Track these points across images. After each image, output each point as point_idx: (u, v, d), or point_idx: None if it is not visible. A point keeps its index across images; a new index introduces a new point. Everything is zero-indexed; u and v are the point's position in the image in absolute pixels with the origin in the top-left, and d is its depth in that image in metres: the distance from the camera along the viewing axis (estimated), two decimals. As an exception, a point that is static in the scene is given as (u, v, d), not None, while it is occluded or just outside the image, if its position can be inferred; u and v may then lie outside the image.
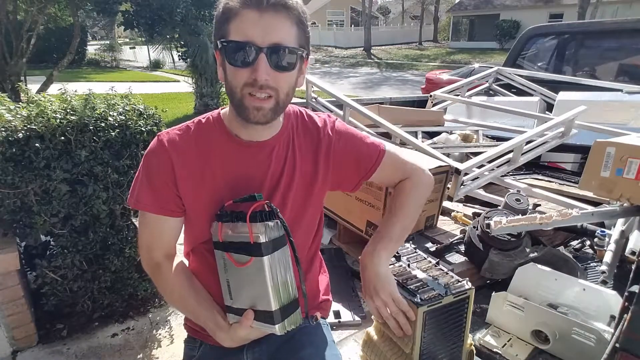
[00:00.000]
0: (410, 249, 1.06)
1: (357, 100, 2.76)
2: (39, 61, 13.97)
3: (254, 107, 0.80)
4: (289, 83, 0.83)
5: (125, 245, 2.34)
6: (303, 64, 0.86)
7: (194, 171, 0.89)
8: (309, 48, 0.86)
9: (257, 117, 0.81)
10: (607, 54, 3.68)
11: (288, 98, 0.85)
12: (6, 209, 1.97)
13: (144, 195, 0.90)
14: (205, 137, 0.91)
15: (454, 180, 1.76)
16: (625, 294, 0.75)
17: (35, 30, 6.08)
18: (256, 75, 0.77)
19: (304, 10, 0.82)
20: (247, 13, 0.76)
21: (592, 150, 1.42)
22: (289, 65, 0.80)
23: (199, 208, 0.91)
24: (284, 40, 0.78)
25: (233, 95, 0.82)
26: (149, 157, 0.90)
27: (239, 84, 0.79)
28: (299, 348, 0.96)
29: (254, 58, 0.77)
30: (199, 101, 8.93)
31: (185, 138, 0.91)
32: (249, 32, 0.76)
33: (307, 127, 0.98)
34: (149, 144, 0.92)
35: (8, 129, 1.91)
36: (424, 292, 0.87)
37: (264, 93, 0.79)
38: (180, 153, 0.89)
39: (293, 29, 0.79)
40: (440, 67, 18.24)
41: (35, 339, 2.17)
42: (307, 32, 0.84)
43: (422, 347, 0.88)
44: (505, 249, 1.39)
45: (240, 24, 0.77)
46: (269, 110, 0.81)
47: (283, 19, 0.77)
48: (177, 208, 0.91)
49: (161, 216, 0.91)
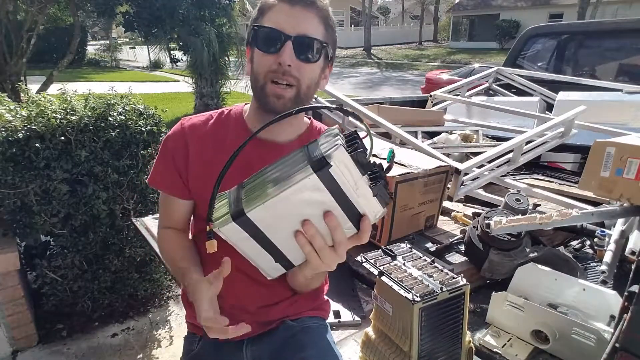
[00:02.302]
0: (406, 248, 1.06)
1: (357, 100, 2.76)
2: (39, 61, 13.95)
3: (275, 94, 0.84)
4: (311, 75, 0.86)
5: (125, 245, 2.34)
6: (327, 66, 0.90)
7: (207, 159, 0.92)
8: (335, 51, 0.90)
9: (276, 105, 0.84)
10: (607, 54, 3.67)
11: (309, 91, 0.87)
12: (6, 209, 1.98)
13: (158, 174, 0.96)
14: (223, 127, 0.95)
15: (454, 180, 1.76)
16: (625, 293, 0.75)
17: (35, 30, 6.07)
18: (281, 60, 0.81)
19: (332, 17, 0.87)
20: (280, 5, 0.82)
21: (592, 150, 1.41)
22: (312, 56, 0.84)
23: (204, 194, 0.92)
24: (310, 32, 0.82)
25: (256, 82, 0.85)
26: (168, 138, 0.95)
27: (263, 69, 0.83)
28: (299, 349, 0.95)
29: (281, 44, 0.81)
30: (199, 101, 8.93)
31: (204, 126, 0.95)
32: (280, 20, 0.81)
33: None
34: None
35: (8, 129, 1.91)
36: (418, 290, 0.87)
37: (285, 80, 0.82)
38: (196, 139, 0.93)
39: (320, 26, 0.84)
40: (440, 67, 18.25)
41: (35, 339, 2.17)
42: (334, 35, 0.88)
43: (420, 345, 0.88)
44: (505, 249, 1.39)
45: (272, 14, 0.83)
46: (289, 100, 0.84)
47: (312, 15, 0.83)
48: (186, 190, 0.94)
49: (170, 196, 0.96)
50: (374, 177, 0.57)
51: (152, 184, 0.98)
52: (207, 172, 0.91)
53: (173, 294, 2.67)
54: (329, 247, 0.62)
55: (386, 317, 0.95)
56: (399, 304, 0.89)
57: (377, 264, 0.96)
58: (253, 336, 0.98)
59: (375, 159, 0.60)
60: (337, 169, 0.53)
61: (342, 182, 0.55)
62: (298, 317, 1.02)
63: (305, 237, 0.61)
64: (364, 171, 0.55)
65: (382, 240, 1.55)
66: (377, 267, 0.95)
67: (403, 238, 1.60)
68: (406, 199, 1.55)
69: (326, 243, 0.62)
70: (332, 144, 0.55)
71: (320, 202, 0.57)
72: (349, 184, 0.55)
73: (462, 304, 0.91)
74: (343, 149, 0.53)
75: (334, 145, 0.54)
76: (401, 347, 0.91)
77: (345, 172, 0.54)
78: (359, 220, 0.60)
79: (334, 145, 0.54)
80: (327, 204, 0.57)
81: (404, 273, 0.94)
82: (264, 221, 0.60)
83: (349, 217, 0.60)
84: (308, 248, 0.62)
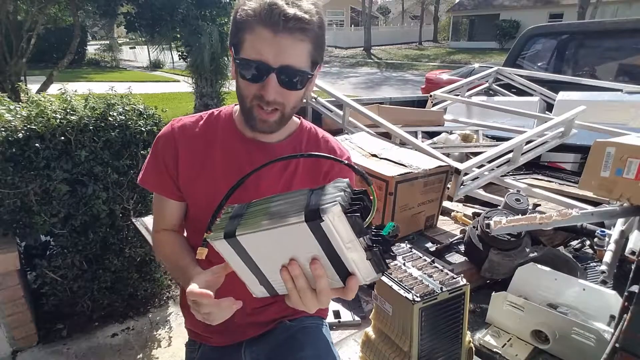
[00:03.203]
0: (406, 249, 1.06)
1: (357, 100, 2.75)
2: (39, 61, 13.96)
3: (260, 119, 0.85)
4: (295, 99, 0.86)
5: (125, 245, 2.34)
6: (312, 80, 0.89)
7: (196, 158, 0.93)
8: (322, 56, 0.87)
9: (262, 127, 0.86)
10: (607, 54, 3.67)
11: (293, 110, 0.89)
12: (6, 209, 1.97)
13: (149, 174, 0.96)
14: (213, 128, 0.95)
15: (454, 180, 1.76)
16: (625, 294, 0.75)
17: (35, 30, 6.07)
18: (265, 93, 0.80)
19: (320, 24, 0.81)
20: (262, 31, 0.77)
21: (592, 150, 1.42)
22: (297, 84, 0.82)
23: (195, 195, 0.94)
24: (295, 62, 0.79)
25: (243, 104, 0.86)
26: (159, 139, 0.96)
27: (249, 95, 0.83)
28: (298, 349, 0.95)
29: (265, 76, 0.79)
30: (198, 101, 8.93)
31: (194, 126, 0.95)
32: (262, 50, 0.78)
33: (317, 146, 1.00)
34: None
35: (8, 129, 1.91)
36: (419, 290, 0.87)
37: (270, 107, 0.82)
38: (186, 139, 0.93)
39: (306, 49, 0.80)
40: (440, 67, 18.24)
41: (35, 339, 2.17)
42: (323, 43, 0.85)
43: (420, 344, 0.88)
44: (505, 249, 1.39)
45: (254, 42, 0.78)
46: (274, 122, 0.86)
47: (297, 42, 0.78)
48: (177, 191, 0.95)
49: (162, 196, 0.96)
50: (375, 240, 0.57)
51: (141, 183, 0.98)
52: (196, 174, 0.92)
53: (173, 294, 2.67)
54: (311, 290, 0.62)
55: (386, 317, 0.95)
56: (399, 304, 0.89)
57: (377, 264, 0.96)
58: (251, 338, 0.99)
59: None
60: (329, 225, 0.53)
61: (332, 238, 0.54)
62: (296, 317, 1.02)
63: (289, 275, 0.60)
64: (359, 234, 0.55)
65: (382, 240, 1.55)
66: (377, 267, 0.94)
67: (403, 238, 1.60)
68: (406, 199, 1.55)
69: (309, 286, 0.61)
70: (333, 198, 0.55)
71: (309, 248, 0.57)
72: (340, 242, 0.55)
73: (462, 304, 0.91)
74: (339, 207, 0.53)
75: (333, 201, 0.54)
76: (401, 347, 0.91)
77: (338, 229, 0.53)
78: (347, 276, 0.59)
79: (333, 201, 0.54)
80: (315, 252, 0.57)
81: (404, 273, 0.94)
82: (253, 247, 0.60)
83: (336, 271, 0.59)
84: (290, 285, 0.61)
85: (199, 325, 0.99)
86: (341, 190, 0.57)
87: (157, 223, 1.02)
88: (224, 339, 0.99)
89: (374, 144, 1.85)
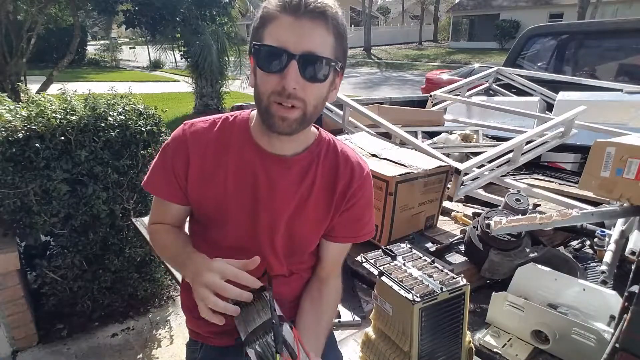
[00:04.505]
0: (406, 249, 1.06)
1: (357, 100, 2.75)
2: (39, 61, 13.95)
3: (279, 117, 0.77)
4: (318, 95, 0.79)
5: (125, 245, 2.34)
6: (337, 78, 0.83)
7: (207, 168, 0.88)
8: (345, 61, 0.82)
9: (281, 127, 0.79)
10: (607, 54, 3.67)
11: (316, 111, 0.81)
12: (6, 209, 1.98)
13: (156, 179, 0.92)
14: (227, 136, 0.89)
15: (454, 180, 1.76)
16: (625, 294, 0.75)
17: (35, 30, 6.08)
18: (284, 83, 0.74)
19: (343, 23, 0.79)
20: (283, 18, 0.74)
21: (592, 150, 1.42)
22: (320, 76, 0.76)
23: (202, 204, 0.91)
24: (318, 49, 0.75)
25: (260, 102, 0.79)
26: (169, 143, 0.91)
27: (267, 90, 0.77)
28: (299, 348, 0.95)
29: (285, 65, 0.73)
30: (199, 101, 8.94)
31: (207, 132, 0.89)
32: (283, 37, 0.73)
33: (336, 161, 0.93)
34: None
35: (8, 129, 1.91)
36: (419, 290, 0.87)
37: (290, 103, 0.76)
38: (198, 146, 0.88)
39: (329, 38, 0.76)
40: (440, 67, 18.24)
41: (35, 339, 2.17)
42: (345, 45, 0.81)
43: (420, 344, 0.88)
44: (505, 249, 1.39)
45: (275, 29, 0.75)
46: (294, 121, 0.78)
47: (319, 27, 0.74)
48: (184, 197, 0.91)
49: (166, 201, 0.93)
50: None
51: (147, 188, 0.94)
52: (206, 182, 0.89)
53: (173, 294, 2.67)
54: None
55: (386, 317, 0.95)
56: (399, 304, 0.89)
57: (377, 264, 0.96)
58: None
59: None
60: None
61: None
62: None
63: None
64: None
65: (382, 240, 1.56)
66: (377, 267, 0.95)
67: (403, 238, 1.60)
68: (406, 199, 1.55)
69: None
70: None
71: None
72: None
73: (462, 304, 0.91)
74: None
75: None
76: (401, 347, 0.91)
77: None
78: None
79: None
80: None
81: (404, 273, 0.94)
82: None
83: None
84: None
85: (201, 325, 0.99)
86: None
87: (155, 218, 0.99)
88: (225, 339, 0.98)
89: (374, 144, 1.85)
